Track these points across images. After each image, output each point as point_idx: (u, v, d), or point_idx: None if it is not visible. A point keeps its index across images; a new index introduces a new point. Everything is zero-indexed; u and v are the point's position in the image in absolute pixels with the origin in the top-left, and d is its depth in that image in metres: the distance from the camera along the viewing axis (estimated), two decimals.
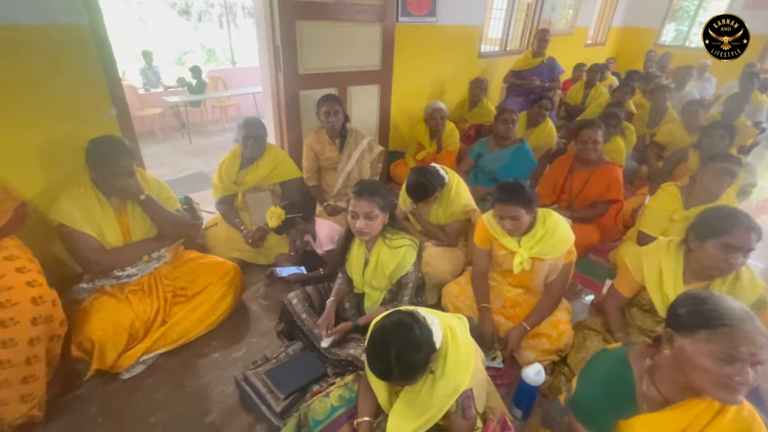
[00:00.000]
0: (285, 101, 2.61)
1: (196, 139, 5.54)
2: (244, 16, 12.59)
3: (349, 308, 1.86)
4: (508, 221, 1.64)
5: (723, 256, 1.34)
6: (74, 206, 1.65)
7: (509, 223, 1.64)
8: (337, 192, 2.71)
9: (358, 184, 1.60)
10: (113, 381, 1.62)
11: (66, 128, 1.84)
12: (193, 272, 1.90)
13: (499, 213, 1.66)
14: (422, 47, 3.51)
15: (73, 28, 1.71)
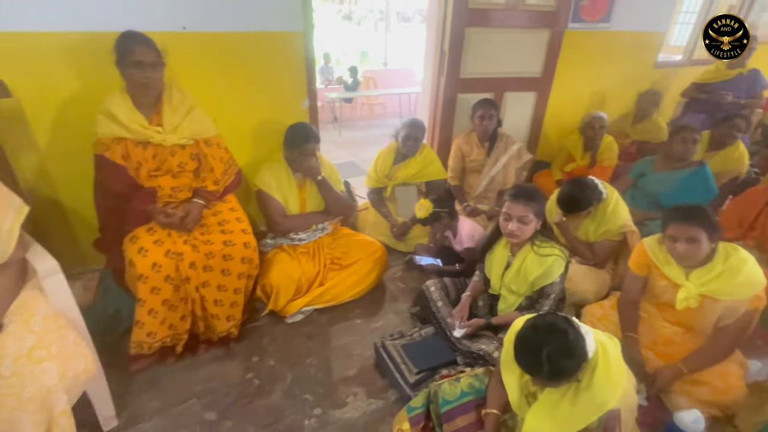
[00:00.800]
0: (442, 103, 2.77)
1: (345, 132, 6.17)
2: (398, 21, 13.37)
3: (482, 306, 1.91)
4: (682, 244, 1.47)
5: None
6: (271, 177, 2.06)
7: (683, 247, 1.47)
8: (479, 194, 2.76)
9: (517, 187, 1.64)
10: (280, 322, 1.98)
11: (271, 114, 2.28)
12: (348, 246, 2.19)
13: (674, 233, 1.50)
14: (589, 55, 3.30)
15: (291, 34, 2.12)
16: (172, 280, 1.58)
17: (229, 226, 1.73)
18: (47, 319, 1.14)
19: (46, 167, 1.88)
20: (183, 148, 1.72)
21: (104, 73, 1.72)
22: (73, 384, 1.13)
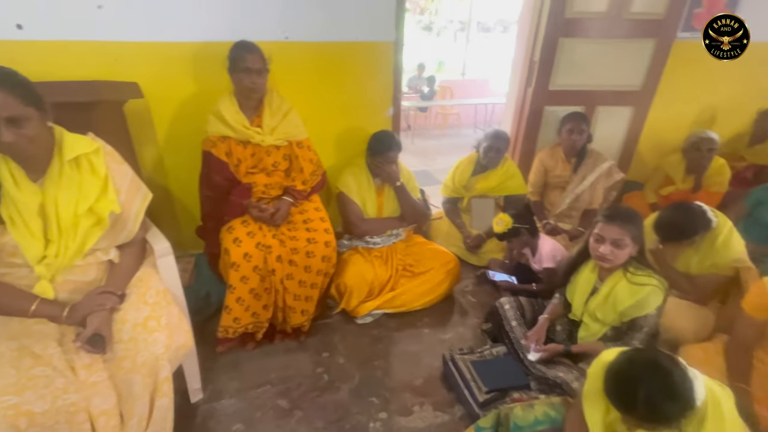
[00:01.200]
0: (528, 114, 2.67)
1: (417, 140, 6.20)
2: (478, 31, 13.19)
3: (560, 331, 1.79)
4: None
5: None
6: (352, 180, 2.13)
7: None
8: (560, 212, 2.61)
9: (613, 208, 1.52)
10: (350, 322, 2.03)
11: (357, 121, 2.37)
12: (421, 254, 2.18)
13: None
14: (701, 67, 2.97)
15: (383, 44, 2.18)
16: (260, 270, 1.69)
17: (314, 225, 1.82)
18: (159, 294, 1.29)
19: (162, 160, 2.13)
20: (278, 149, 1.85)
21: (215, 78, 1.92)
22: (175, 355, 1.25)
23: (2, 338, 1.07)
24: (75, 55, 1.77)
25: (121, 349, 1.15)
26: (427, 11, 13.61)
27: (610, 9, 2.44)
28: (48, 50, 1.73)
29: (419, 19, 13.47)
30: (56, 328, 1.15)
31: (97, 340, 1.11)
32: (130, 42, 1.83)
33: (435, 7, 13.51)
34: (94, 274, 1.26)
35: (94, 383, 1.09)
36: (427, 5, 13.49)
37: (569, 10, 2.39)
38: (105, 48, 1.80)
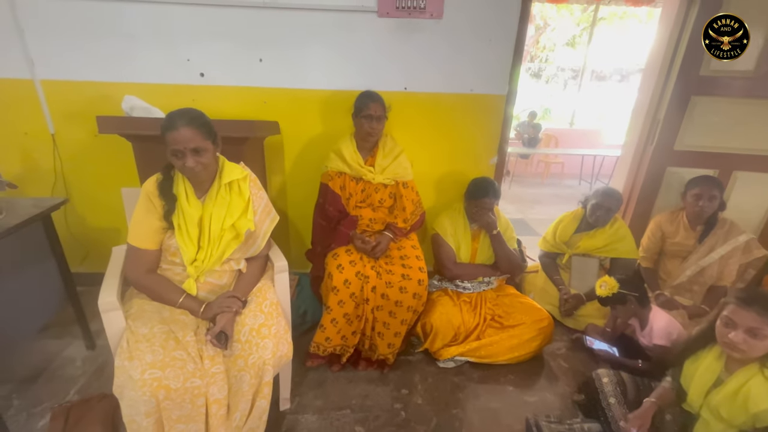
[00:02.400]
0: (646, 174, 2.48)
1: (515, 187, 6.06)
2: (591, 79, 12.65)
3: (669, 422, 1.57)
4: None
5: None
6: (449, 223, 2.19)
7: None
8: (679, 284, 2.32)
9: (751, 291, 1.33)
10: (432, 364, 2.03)
11: (461, 166, 2.45)
12: (512, 307, 2.12)
13: None
14: None
15: (495, 96, 2.27)
16: (356, 297, 1.81)
17: (409, 262, 1.91)
18: (273, 305, 1.47)
19: (286, 188, 2.44)
20: (385, 187, 2.01)
21: (340, 121, 2.19)
22: (278, 362, 1.40)
23: (157, 321, 1.32)
24: (238, 98, 2.18)
25: (238, 348, 1.33)
26: (537, 59, 13.52)
27: (759, 67, 2.20)
28: (220, 94, 2.17)
29: (528, 67, 13.42)
30: (194, 320, 1.38)
31: (222, 337, 1.31)
32: (277, 88, 2.19)
33: (545, 55, 13.37)
34: (226, 280, 1.49)
35: (214, 374, 1.27)
36: (537, 53, 13.42)
37: (705, 67, 2.22)
38: (259, 93, 2.19)
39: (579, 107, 8.20)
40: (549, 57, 13.31)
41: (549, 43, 13.11)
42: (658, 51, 2.37)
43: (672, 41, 2.28)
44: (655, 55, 2.41)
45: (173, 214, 1.37)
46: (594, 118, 9.06)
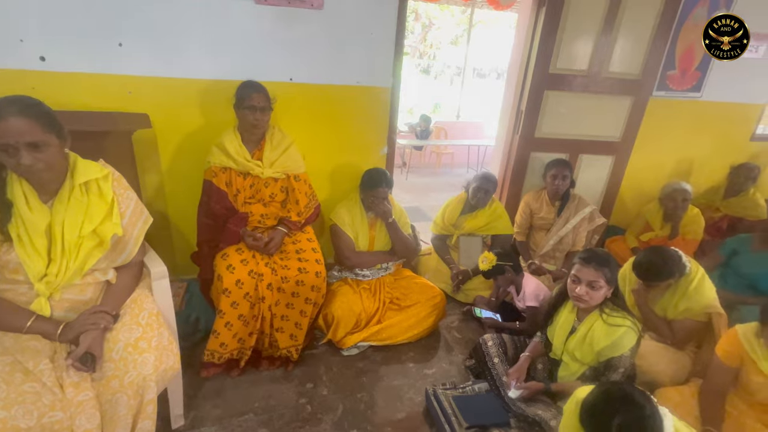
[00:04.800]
0: (515, 159, 2.82)
1: (411, 177, 6.38)
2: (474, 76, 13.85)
3: (541, 370, 1.83)
4: None
5: None
6: (346, 213, 2.22)
7: None
8: (545, 253, 2.70)
9: (589, 251, 1.61)
10: (336, 354, 2.05)
11: (353, 158, 2.49)
12: (408, 288, 2.24)
13: None
14: (675, 123, 3.20)
15: (381, 89, 2.35)
16: (250, 297, 1.74)
17: (305, 255, 1.89)
18: (152, 316, 1.33)
19: (163, 186, 2.21)
20: (275, 181, 1.95)
21: (221, 113, 2.05)
22: (162, 377, 1.28)
23: None
24: (95, 87, 1.89)
25: (111, 368, 1.18)
26: (426, 56, 14.33)
27: (591, 68, 2.65)
28: (69, 82, 1.86)
29: (418, 63, 14.16)
30: (49, 345, 1.18)
31: (87, 359, 1.14)
32: (144, 77, 1.96)
33: (433, 53, 14.25)
34: (91, 294, 1.30)
35: (81, 402, 1.11)
36: (426, 50, 14.22)
37: (553, 66, 2.60)
38: (121, 81, 1.93)
39: (464, 102, 8.93)
40: (436, 54, 14.23)
41: (435, 41, 14.00)
42: (517, 52, 2.70)
43: (527, 43, 2.61)
44: (515, 55, 2.74)
45: (8, 223, 1.15)
46: (477, 111, 9.95)
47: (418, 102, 11.99)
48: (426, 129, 7.03)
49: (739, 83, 3.23)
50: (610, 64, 2.66)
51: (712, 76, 3.11)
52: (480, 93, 11.15)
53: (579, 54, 2.61)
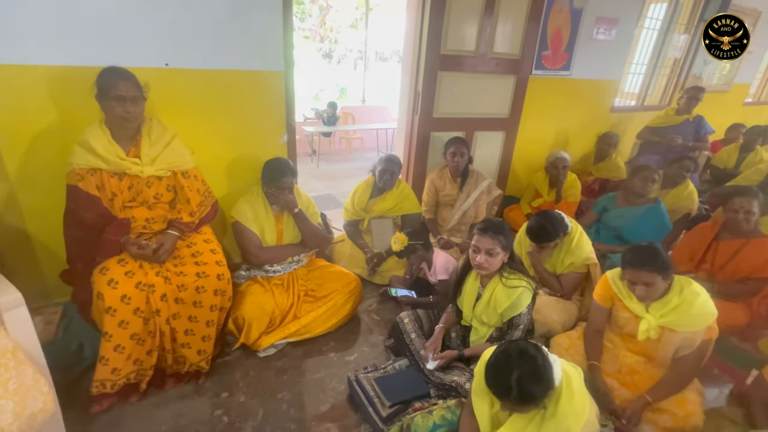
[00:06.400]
0: (417, 140, 2.90)
1: (322, 165, 6.27)
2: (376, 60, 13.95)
3: (454, 338, 1.94)
4: (640, 287, 1.57)
5: None
6: (248, 209, 2.08)
7: (641, 290, 1.57)
8: (452, 227, 2.85)
9: (485, 221, 1.72)
10: (252, 356, 1.94)
11: (250, 149, 2.33)
12: (323, 278, 2.20)
13: (631, 278, 1.60)
14: (551, 99, 3.56)
15: (272, 73, 2.21)
16: (142, 312, 1.55)
17: (203, 258, 1.73)
18: (6, 354, 1.10)
19: (16, 198, 1.84)
20: (160, 180, 1.74)
21: (80, 106, 1.75)
22: (29, 424, 1.08)
23: None
24: None
25: None
26: (326, 40, 14.02)
27: (478, 49, 2.81)
28: None
29: (319, 47, 13.81)
30: None
31: None
32: None
33: (334, 36, 13.99)
34: None
35: None
36: (327, 34, 13.91)
37: (444, 47, 2.69)
38: None
39: (368, 86, 8.95)
40: (338, 39, 13.99)
41: (335, 24, 13.73)
42: (409, 34, 2.75)
43: (417, 25, 2.66)
44: (408, 37, 2.78)
45: None
46: (382, 95, 10.07)
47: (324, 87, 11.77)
48: (333, 115, 6.92)
49: (599, 62, 3.71)
50: (494, 45, 2.84)
51: (578, 56, 3.52)
52: (383, 76, 11.29)
53: (466, 35, 2.74)
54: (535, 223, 2.09)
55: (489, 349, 1.26)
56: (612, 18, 3.56)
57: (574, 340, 1.89)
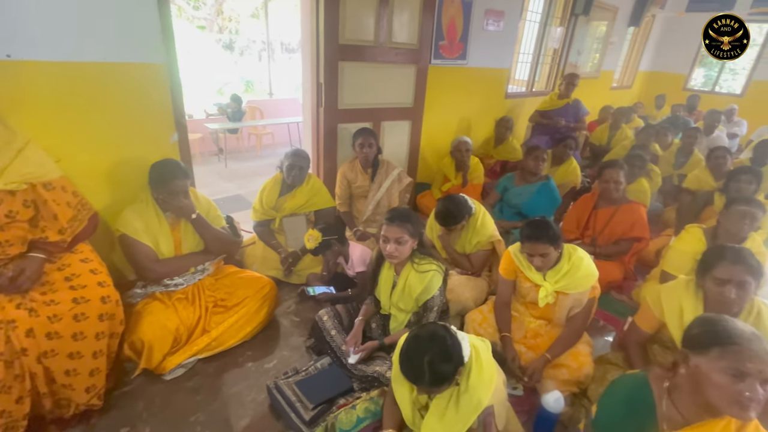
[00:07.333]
0: (324, 133, 2.83)
1: (231, 163, 5.89)
2: (282, 51, 13.45)
3: (375, 328, 1.95)
4: (537, 259, 1.72)
5: (717, 290, 1.40)
6: (136, 219, 1.85)
7: (538, 261, 1.73)
8: (367, 218, 2.86)
9: (392, 211, 1.74)
10: (157, 381, 1.75)
11: (134, 151, 2.07)
12: (233, 285, 2.05)
13: (529, 251, 1.75)
14: (452, 87, 3.73)
15: (152, 65, 1.97)
16: (2, 355, 1.29)
17: (81, 281, 1.50)
18: None
19: None
20: (13, 195, 1.45)
21: None
22: None
23: None
24: None
25: None
26: (226, 30, 13.11)
27: (377, 38, 2.81)
28: None
29: (219, 38, 12.87)
30: None
31: None
32: None
33: (235, 27, 13.14)
34: None
35: None
36: (225, 24, 13.02)
37: (342, 37, 2.65)
38: None
39: (275, 78, 8.58)
40: (238, 29, 13.15)
41: (234, 14, 12.87)
42: (305, 24, 2.65)
43: (313, 15, 2.58)
44: (305, 27, 2.69)
45: None
46: (290, 87, 9.74)
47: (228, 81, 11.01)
48: (238, 110, 6.51)
49: (491, 52, 3.97)
50: (392, 35, 2.87)
51: (472, 46, 3.72)
52: (291, 68, 10.93)
53: (364, 25, 2.72)
54: (441, 207, 2.18)
55: (404, 336, 1.28)
56: (499, 10, 3.82)
57: (485, 314, 2.02)
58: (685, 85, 7.91)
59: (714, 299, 1.45)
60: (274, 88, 8.32)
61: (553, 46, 5.13)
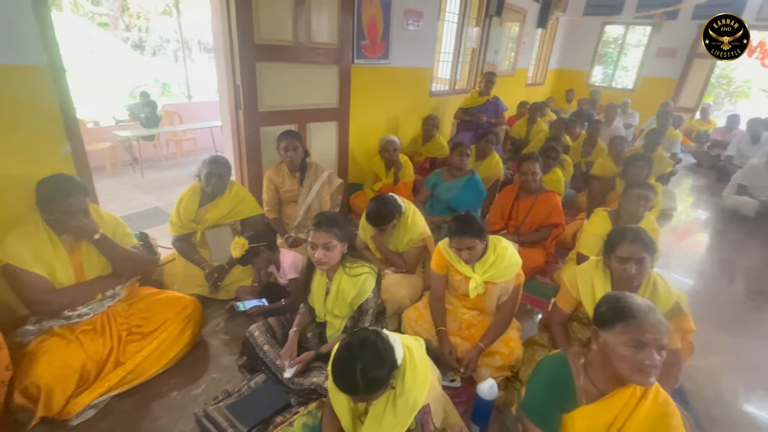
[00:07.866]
0: (245, 137, 2.68)
1: (149, 173, 5.41)
2: (200, 51, 12.67)
3: (311, 338, 1.89)
4: (465, 252, 1.78)
5: (621, 267, 1.56)
6: (22, 246, 1.60)
7: (466, 254, 1.78)
8: (298, 224, 2.76)
9: (318, 216, 1.69)
10: (61, 428, 1.53)
11: (15, 167, 1.80)
12: (150, 309, 1.87)
13: (456, 245, 1.80)
14: (377, 87, 3.75)
15: (30, 68, 1.72)
16: None
17: None
18: None
19: None
20: None
21: None
22: None
23: None
24: None
25: None
26: (134, 28, 12.04)
27: (296, 38, 2.72)
28: None
29: (127, 37, 11.77)
30: None
31: None
32: None
33: (144, 24, 12.10)
34: None
35: None
36: (133, 21, 11.95)
37: (258, 37, 2.52)
38: None
39: (193, 80, 8.02)
40: (148, 27, 12.12)
41: (142, 11, 11.84)
42: (217, 22, 2.49)
43: (224, 13, 2.42)
44: (216, 26, 2.52)
45: None
46: (210, 89, 9.18)
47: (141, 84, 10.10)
48: (153, 114, 5.99)
49: (413, 51, 4.05)
50: (312, 34, 2.79)
51: (394, 46, 3.76)
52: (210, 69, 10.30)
53: (281, 24, 2.62)
54: (372, 209, 2.17)
55: (338, 345, 1.24)
56: (418, 10, 3.90)
57: (421, 310, 2.04)
58: (587, 81, 8.74)
59: (618, 276, 1.60)
60: (193, 91, 7.78)
61: (471, 46, 5.37)
